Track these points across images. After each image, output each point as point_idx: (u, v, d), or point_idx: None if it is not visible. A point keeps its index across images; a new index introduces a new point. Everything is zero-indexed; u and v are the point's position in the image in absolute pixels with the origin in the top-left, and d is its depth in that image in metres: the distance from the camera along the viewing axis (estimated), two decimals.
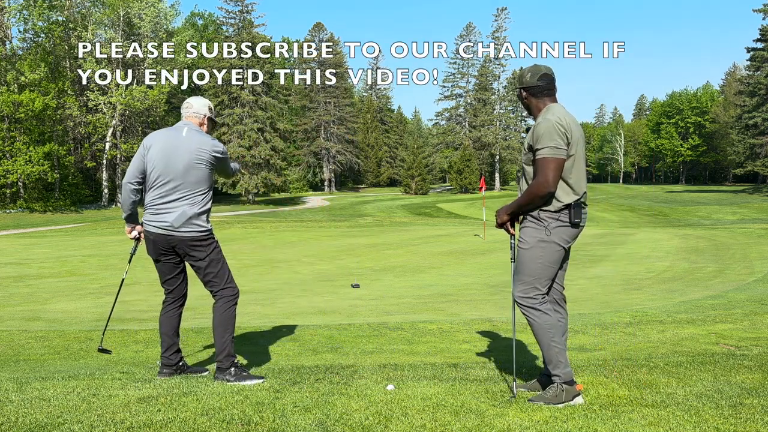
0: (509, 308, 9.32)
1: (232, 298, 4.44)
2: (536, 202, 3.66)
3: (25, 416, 3.29)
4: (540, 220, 3.69)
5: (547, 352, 3.72)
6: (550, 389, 3.68)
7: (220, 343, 4.29)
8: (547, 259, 3.70)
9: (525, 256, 3.73)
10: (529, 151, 3.74)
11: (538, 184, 3.61)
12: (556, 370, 3.68)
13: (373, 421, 3.27)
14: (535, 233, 3.70)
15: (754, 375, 4.30)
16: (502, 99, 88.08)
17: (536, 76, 3.79)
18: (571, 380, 3.68)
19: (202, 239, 4.37)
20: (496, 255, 18.84)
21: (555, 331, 3.70)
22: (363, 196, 71.14)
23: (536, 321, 3.70)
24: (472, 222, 39.67)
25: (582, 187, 3.70)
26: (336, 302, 10.00)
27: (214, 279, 4.42)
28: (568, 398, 3.63)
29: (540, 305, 3.70)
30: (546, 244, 3.68)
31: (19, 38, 48.46)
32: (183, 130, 4.38)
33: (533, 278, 3.70)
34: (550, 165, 3.58)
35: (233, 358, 4.31)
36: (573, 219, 3.67)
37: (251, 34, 59.35)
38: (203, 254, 4.38)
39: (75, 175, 50.93)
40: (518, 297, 3.74)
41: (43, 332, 7.18)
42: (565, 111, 3.74)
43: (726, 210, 48.20)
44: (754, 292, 10.67)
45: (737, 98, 75.52)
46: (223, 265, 4.45)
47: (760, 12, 65.42)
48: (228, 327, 4.33)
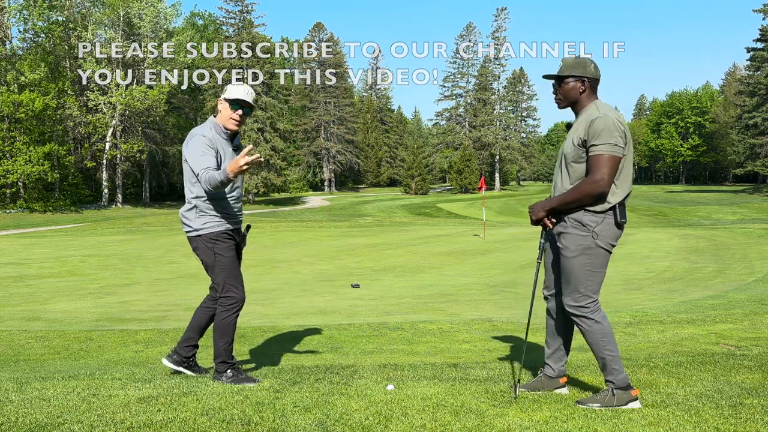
0: (509, 308, 9.32)
1: (229, 306, 4.21)
2: (585, 201, 3.48)
3: (25, 416, 3.29)
4: (584, 225, 3.52)
5: (600, 360, 3.62)
6: (602, 393, 3.61)
7: (216, 348, 4.24)
8: (595, 265, 3.55)
9: (571, 265, 3.56)
10: (579, 147, 3.52)
11: (592, 182, 3.42)
12: (610, 377, 3.60)
13: (373, 421, 3.27)
14: (579, 240, 3.53)
15: (754, 375, 4.30)
16: (502, 99, 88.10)
17: (598, 70, 3.64)
18: (626, 385, 3.58)
19: (191, 239, 4.26)
20: (496, 255, 18.84)
21: (608, 338, 3.58)
22: (363, 196, 71.14)
23: (588, 329, 3.59)
24: (472, 222, 39.66)
25: (628, 188, 3.55)
26: (336, 302, 10.00)
27: (213, 283, 4.31)
28: (620, 403, 3.54)
29: (592, 313, 3.56)
30: (592, 250, 3.52)
31: (19, 38, 48.49)
32: None
33: (584, 287, 3.55)
34: (609, 163, 3.41)
35: (228, 364, 4.23)
36: (619, 219, 3.52)
37: (251, 34, 59.36)
38: (198, 254, 4.27)
39: (75, 175, 50.91)
40: (570, 307, 3.61)
41: (43, 332, 7.18)
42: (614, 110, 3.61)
43: (726, 210, 48.20)
44: (754, 292, 10.67)
45: (737, 98, 75.53)
46: (220, 271, 4.21)
47: (760, 12, 65.44)
48: (224, 334, 4.21)
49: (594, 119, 3.48)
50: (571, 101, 3.66)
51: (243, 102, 4.20)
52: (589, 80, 3.61)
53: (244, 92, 4.20)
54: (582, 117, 3.59)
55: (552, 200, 3.60)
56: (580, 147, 3.52)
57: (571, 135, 3.60)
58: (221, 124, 4.23)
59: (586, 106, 3.62)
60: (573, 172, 3.57)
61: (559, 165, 3.71)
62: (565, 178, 3.62)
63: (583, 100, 3.63)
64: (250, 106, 4.24)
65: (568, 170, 3.59)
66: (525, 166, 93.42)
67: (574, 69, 3.61)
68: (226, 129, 4.23)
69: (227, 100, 4.20)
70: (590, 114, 3.54)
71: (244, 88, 4.22)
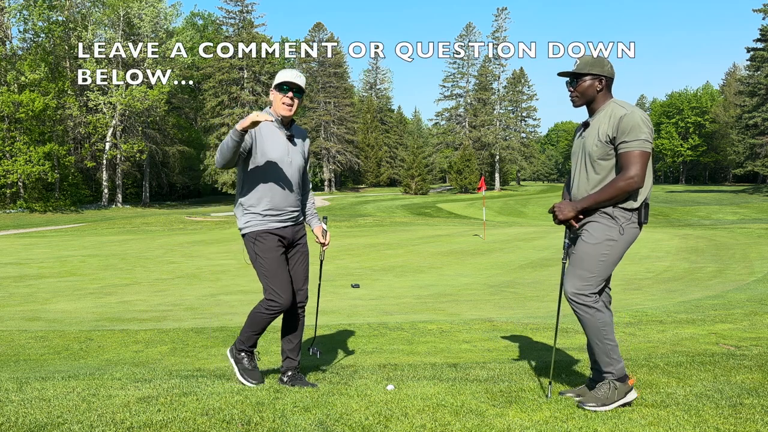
0: (509, 308, 9.33)
1: (269, 308, 4.03)
2: (619, 198, 3.48)
3: (25, 416, 3.29)
4: (614, 218, 3.52)
5: (599, 350, 3.58)
6: (602, 387, 3.56)
7: (243, 332, 4.17)
8: (611, 258, 3.56)
9: (589, 251, 3.55)
10: (607, 144, 3.52)
11: (627, 179, 3.42)
12: (609, 367, 3.56)
13: (373, 421, 3.27)
14: (606, 230, 3.53)
15: (754, 375, 4.30)
16: (502, 99, 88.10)
17: (614, 69, 3.66)
18: (623, 375, 3.57)
19: (243, 239, 4.11)
20: (496, 255, 18.84)
21: (609, 329, 3.57)
22: (363, 196, 71.11)
23: (590, 318, 3.55)
24: (472, 222, 39.66)
25: (650, 185, 3.57)
26: (336, 302, 10.00)
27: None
28: (620, 396, 3.52)
29: (594, 303, 3.55)
30: (615, 243, 3.53)
31: (19, 38, 48.54)
32: None
33: (592, 275, 3.54)
34: (641, 159, 3.42)
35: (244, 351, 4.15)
36: (643, 219, 3.54)
37: (251, 34, 59.38)
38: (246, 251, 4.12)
39: (75, 175, 50.95)
40: (572, 294, 3.56)
41: (43, 332, 7.18)
42: None
43: (726, 210, 48.18)
44: (754, 292, 10.67)
45: (737, 98, 75.54)
46: (260, 273, 4.04)
47: (760, 12, 65.40)
48: (253, 324, 4.11)
49: (622, 116, 3.49)
50: (588, 99, 3.67)
51: (291, 84, 4.01)
52: (606, 79, 3.63)
53: (292, 74, 4.05)
54: (603, 114, 3.60)
55: (584, 200, 3.57)
56: (608, 144, 3.52)
57: (593, 133, 3.59)
58: (275, 112, 4.07)
59: (604, 104, 3.64)
60: (601, 170, 3.56)
61: (582, 163, 3.66)
62: (592, 176, 3.59)
63: (600, 98, 3.65)
64: (300, 87, 4.05)
65: (594, 168, 3.58)
66: (525, 166, 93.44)
67: (593, 67, 3.62)
68: (279, 115, 4.06)
69: (275, 86, 4.04)
70: (615, 111, 3.54)
71: (292, 71, 4.08)
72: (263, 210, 3.99)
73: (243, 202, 4.02)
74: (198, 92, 62.73)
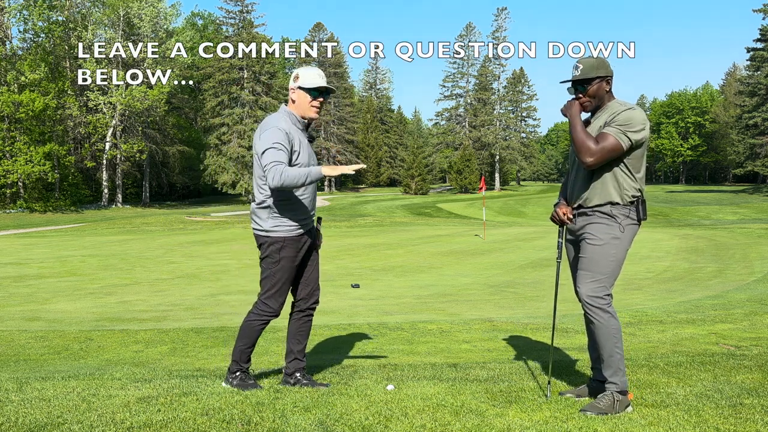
0: (509, 308, 9.33)
1: (260, 313, 4.02)
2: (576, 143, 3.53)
3: (25, 416, 3.29)
4: (612, 217, 3.56)
5: (608, 358, 3.54)
6: (604, 398, 3.49)
7: (235, 348, 4.09)
8: (619, 257, 3.56)
9: (598, 253, 3.54)
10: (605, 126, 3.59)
11: (587, 149, 3.48)
12: (615, 377, 3.53)
13: (373, 421, 3.27)
14: (608, 230, 3.55)
15: (754, 375, 4.30)
16: (502, 99, 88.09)
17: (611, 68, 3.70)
18: (626, 389, 3.54)
19: (261, 240, 3.98)
20: (496, 255, 18.84)
21: (619, 336, 3.54)
22: (363, 196, 71.11)
23: (603, 323, 3.50)
24: (472, 222, 39.66)
25: (643, 184, 3.62)
26: (336, 302, 9.99)
27: (261, 284, 4.07)
28: (621, 409, 3.46)
29: (608, 307, 3.51)
30: (619, 241, 3.55)
31: (19, 38, 48.51)
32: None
33: (605, 276, 3.52)
34: (612, 147, 3.47)
35: (241, 367, 4.05)
36: (641, 215, 3.58)
37: (251, 34, 59.34)
38: (261, 252, 4.01)
39: (75, 175, 50.94)
40: (587, 297, 3.52)
41: (43, 332, 7.18)
42: None
43: (726, 210, 48.17)
44: (754, 292, 10.67)
45: (737, 98, 75.49)
46: (270, 279, 3.97)
47: (760, 12, 65.37)
48: (243, 336, 4.06)
49: (624, 109, 3.55)
50: (600, 101, 3.68)
51: (322, 88, 3.94)
52: (610, 78, 3.68)
53: (322, 78, 3.96)
54: (604, 112, 3.64)
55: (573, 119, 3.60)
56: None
57: (593, 131, 3.61)
58: (298, 113, 3.96)
59: (607, 103, 3.67)
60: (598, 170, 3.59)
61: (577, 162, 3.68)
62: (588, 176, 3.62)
63: (605, 97, 3.68)
64: (330, 89, 3.99)
65: None
66: (525, 166, 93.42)
67: (599, 70, 3.63)
68: (303, 118, 3.98)
69: (304, 89, 3.92)
70: (615, 108, 3.59)
71: (318, 73, 3.97)
72: (294, 215, 3.94)
73: (274, 205, 3.90)
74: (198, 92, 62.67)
